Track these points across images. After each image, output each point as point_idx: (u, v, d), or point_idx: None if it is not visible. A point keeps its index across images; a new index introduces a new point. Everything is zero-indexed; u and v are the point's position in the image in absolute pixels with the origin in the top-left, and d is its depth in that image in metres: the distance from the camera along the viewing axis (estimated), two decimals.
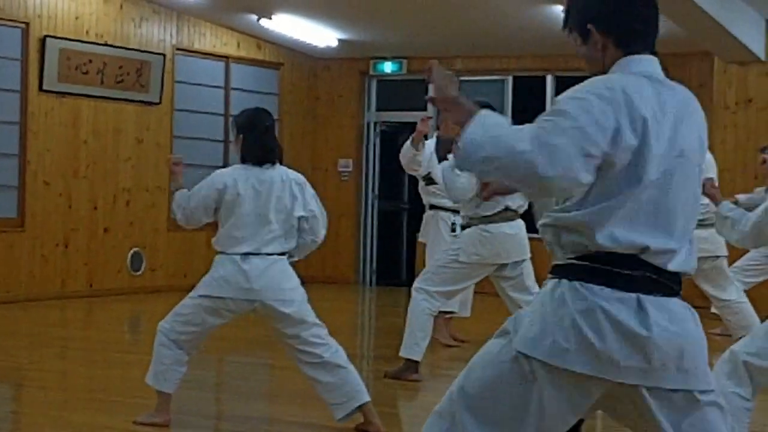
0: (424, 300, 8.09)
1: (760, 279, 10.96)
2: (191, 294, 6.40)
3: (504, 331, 3.25)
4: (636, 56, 3.24)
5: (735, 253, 10.72)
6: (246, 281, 6.25)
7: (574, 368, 3.08)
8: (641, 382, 3.11)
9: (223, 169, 6.54)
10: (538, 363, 3.10)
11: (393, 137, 17.25)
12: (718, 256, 9.89)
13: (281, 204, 6.39)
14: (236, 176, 6.34)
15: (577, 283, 3.11)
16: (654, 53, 3.30)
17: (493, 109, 8.14)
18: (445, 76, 3.36)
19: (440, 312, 8.92)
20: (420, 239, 10.40)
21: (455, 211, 8.95)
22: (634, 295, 3.10)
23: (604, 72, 3.24)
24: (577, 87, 3.12)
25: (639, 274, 3.11)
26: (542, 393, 3.12)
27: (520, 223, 8.04)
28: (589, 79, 3.15)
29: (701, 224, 9.83)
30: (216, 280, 6.30)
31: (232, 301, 6.28)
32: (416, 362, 8.20)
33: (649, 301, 3.11)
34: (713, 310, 10.79)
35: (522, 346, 3.12)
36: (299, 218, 6.42)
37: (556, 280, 3.16)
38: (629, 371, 3.09)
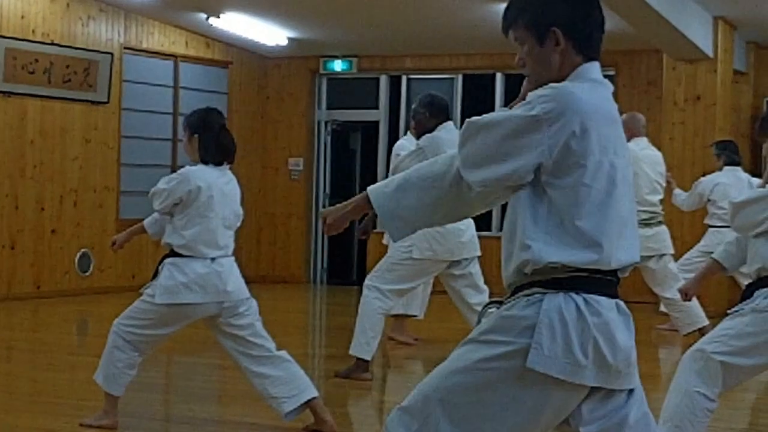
0: (377, 299, 8.05)
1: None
2: (149, 299, 6.22)
3: (489, 339, 3.15)
4: (592, 63, 3.24)
5: (679, 250, 10.79)
6: (222, 283, 6.20)
7: (588, 383, 3.10)
8: (625, 386, 3.19)
9: (192, 169, 6.32)
10: (544, 377, 3.07)
11: (344, 136, 17.25)
12: (663, 254, 9.92)
13: (236, 203, 6.41)
14: (209, 178, 6.26)
15: (586, 296, 3.10)
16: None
17: (446, 105, 8.18)
18: (332, 213, 3.51)
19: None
20: (384, 241, 10.30)
21: None
22: (614, 301, 3.16)
23: (557, 76, 3.21)
24: None
25: (615, 279, 3.17)
26: (537, 403, 3.11)
27: (470, 221, 8.03)
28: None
29: (647, 223, 9.99)
30: (186, 286, 6.15)
31: (202, 306, 6.21)
32: (367, 361, 8.15)
33: (620, 305, 3.18)
34: (662, 308, 10.86)
35: (538, 365, 3.05)
36: None
37: (563, 293, 3.10)
38: (626, 377, 3.18)
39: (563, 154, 3.05)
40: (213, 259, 6.22)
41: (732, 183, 10.55)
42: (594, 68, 3.25)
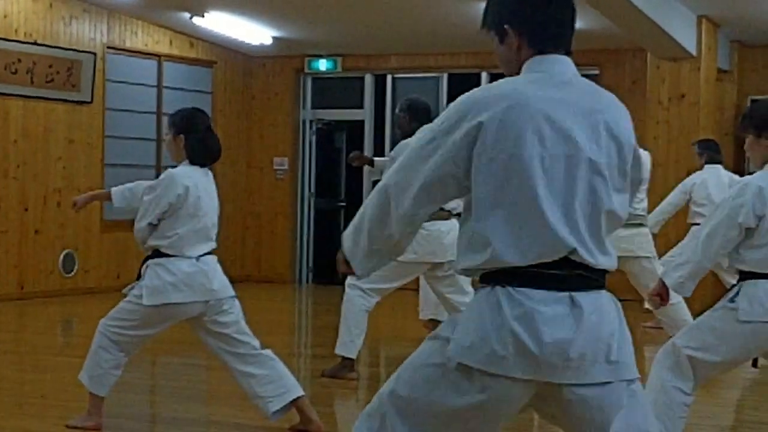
0: (359, 297, 8.06)
1: None
2: (136, 300, 6.19)
3: (438, 335, 3.23)
4: (544, 56, 3.24)
5: (660, 249, 10.79)
6: (209, 281, 6.20)
7: (513, 374, 3.07)
8: (576, 380, 3.12)
9: (176, 171, 6.28)
10: (474, 370, 3.08)
11: (328, 135, 17.23)
12: (638, 257, 9.86)
13: (216, 202, 6.42)
14: (195, 178, 6.25)
15: (511, 289, 3.09)
16: (569, 53, 3.29)
17: (426, 107, 8.18)
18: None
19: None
20: None
21: None
22: (566, 293, 3.11)
23: (518, 72, 3.26)
24: None
25: (568, 273, 3.12)
26: (476, 398, 3.11)
27: (454, 223, 8.03)
28: None
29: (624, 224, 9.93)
30: (173, 285, 6.15)
31: (189, 305, 6.20)
32: (352, 360, 8.15)
33: (581, 297, 3.11)
34: (646, 305, 10.87)
35: (458, 355, 3.10)
36: None
37: (489, 287, 3.13)
38: (566, 371, 3.10)
39: (463, 156, 3.12)
40: (198, 258, 6.22)
41: (713, 181, 10.57)
42: (544, 60, 3.24)
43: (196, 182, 6.23)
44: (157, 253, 6.23)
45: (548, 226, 3.08)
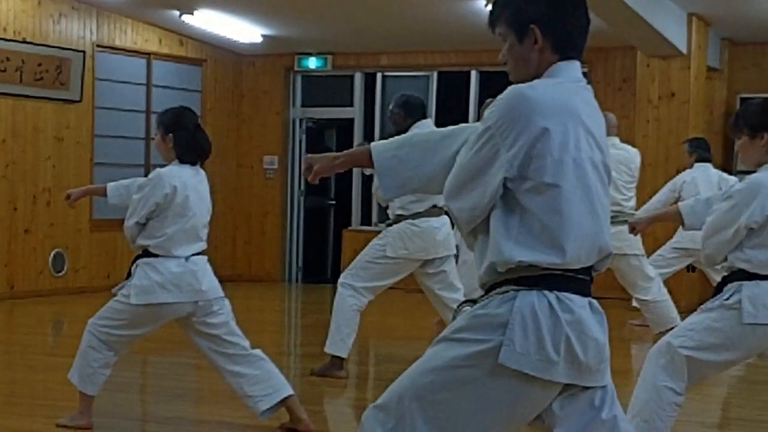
0: (351, 296, 8.05)
1: (671, 270, 11.04)
2: (124, 299, 6.19)
3: (463, 337, 3.17)
4: (571, 62, 3.27)
5: (648, 248, 10.80)
6: (197, 282, 6.19)
7: (559, 380, 3.12)
8: (597, 383, 3.22)
9: (164, 171, 6.27)
10: (516, 374, 3.09)
11: (318, 133, 17.21)
12: (625, 254, 9.87)
13: (208, 202, 6.39)
14: (183, 177, 6.24)
15: (559, 294, 3.12)
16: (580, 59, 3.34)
17: (421, 103, 8.20)
18: (320, 160, 3.50)
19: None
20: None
21: None
22: (587, 299, 3.18)
23: (535, 74, 3.24)
24: None
25: (588, 278, 3.20)
26: (511, 401, 3.14)
27: (445, 219, 8.04)
28: None
29: (610, 221, 9.95)
30: (161, 285, 6.14)
31: (177, 306, 6.19)
32: (342, 359, 8.15)
33: (593, 303, 3.20)
34: (634, 304, 10.89)
35: (511, 361, 3.07)
36: None
37: (536, 291, 3.11)
38: (596, 375, 3.20)
39: (524, 161, 3.09)
40: (187, 258, 6.21)
41: (702, 179, 10.58)
42: (568, 66, 3.27)
43: (185, 182, 6.22)
44: (146, 253, 6.22)
45: (600, 230, 3.17)
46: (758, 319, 5.01)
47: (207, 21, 14.29)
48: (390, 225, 8.11)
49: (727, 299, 5.08)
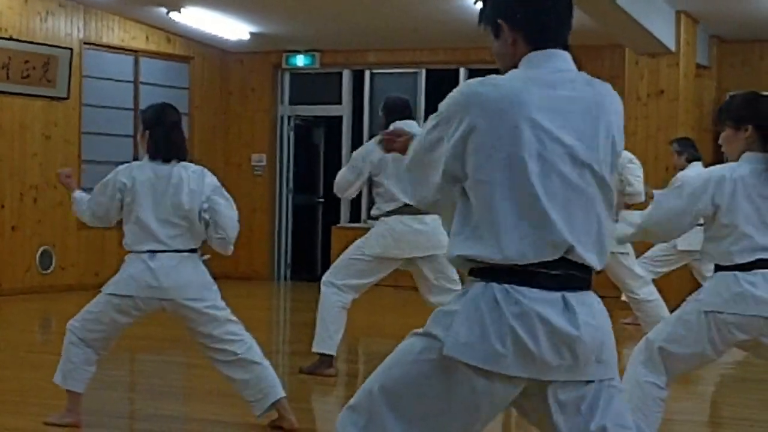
0: (334, 294, 8.05)
1: (667, 269, 11.06)
2: (102, 291, 6.28)
3: (428, 331, 3.18)
4: (541, 51, 3.22)
5: (644, 244, 10.80)
6: (154, 279, 6.14)
7: (510, 372, 3.07)
8: (567, 378, 3.13)
9: (122, 167, 6.34)
10: (467, 366, 3.07)
11: (307, 131, 17.19)
12: (613, 252, 9.87)
13: (180, 200, 6.21)
14: (135, 174, 6.22)
15: (507, 286, 3.08)
16: (566, 48, 3.27)
17: (400, 102, 8.18)
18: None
19: None
20: None
21: None
22: (560, 293, 3.11)
23: (513, 67, 3.23)
24: None
25: (563, 272, 3.12)
26: (468, 394, 3.11)
27: (430, 219, 7.99)
28: None
29: None
30: (124, 279, 6.18)
31: (140, 299, 6.17)
32: (331, 356, 8.14)
33: (572, 298, 3.12)
34: (623, 298, 10.88)
35: (455, 352, 3.07)
36: (200, 212, 6.25)
37: (484, 283, 3.11)
38: (559, 369, 3.11)
39: (461, 155, 3.13)
40: (152, 253, 6.15)
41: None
42: (542, 56, 3.23)
43: (138, 178, 6.19)
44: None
45: (549, 223, 3.08)
46: (712, 307, 5.05)
47: (194, 18, 14.26)
48: (374, 219, 8.14)
49: (700, 294, 5.14)
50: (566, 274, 3.12)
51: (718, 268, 5.14)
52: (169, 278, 6.15)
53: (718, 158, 5.38)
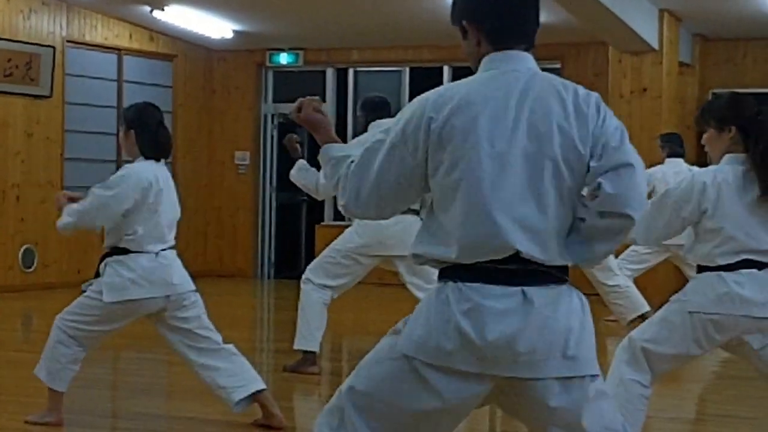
0: (314, 290, 8.03)
1: (644, 266, 11.08)
2: (96, 296, 6.13)
3: (395, 329, 3.24)
4: (500, 52, 3.24)
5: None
6: (168, 276, 6.16)
7: (460, 368, 3.09)
8: (529, 375, 3.11)
9: (135, 166, 6.23)
10: (424, 364, 3.11)
11: (290, 129, 17.12)
12: None
13: (175, 197, 6.36)
14: (156, 172, 6.21)
15: (461, 284, 3.10)
16: (531, 47, 3.28)
17: (378, 101, 8.17)
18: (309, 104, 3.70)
19: None
20: None
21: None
22: (518, 288, 3.10)
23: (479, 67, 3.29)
24: None
25: (521, 268, 3.11)
26: (431, 392, 3.12)
27: (408, 217, 7.95)
28: None
29: None
30: (133, 282, 6.09)
31: (152, 300, 6.14)
32: (314, 354, 8.12)
33: (534, 291, 3.10)
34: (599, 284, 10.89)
35: (407, 348, 3.14)
36: None
37: (442, 282, 3.16)
38: (516, 365, 3.10)
39: (424, 156, 3.16)
40: (157, 253, 6.17)
41: (671, 174, 10.60)
42: (499, 57, 3.24)
43: (158, 177, 6.20)
44: (116, 250, 6.18)
45: (495, 225, 3.08)
46: (697, 308, 5.04)
47: (178, 16, 14.22)
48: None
49: (685, 293, 5.13)
50: (525, 270, 3.11)
51: (702, 268, 5.14)
52: (176, 273, 6.21)
53: (701, 156, 5.36)
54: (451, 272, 3.14)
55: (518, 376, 3.10)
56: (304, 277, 8.16)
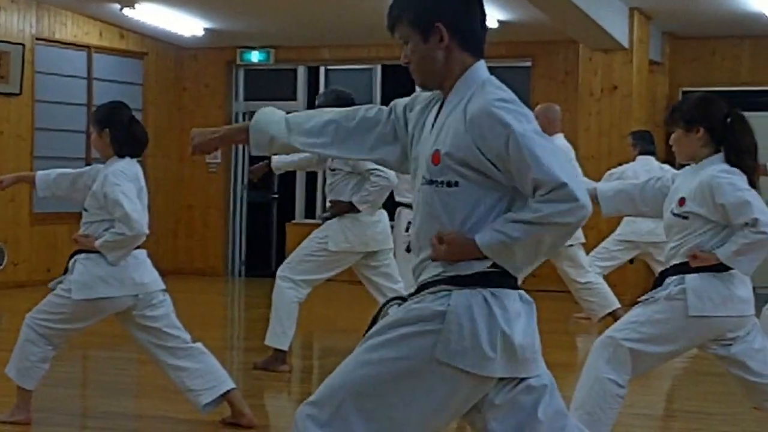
0: (290, 288, 8.01)
1: (615, 263, 11.11)
2: (65, 294, 6.11)
3: (400, 332, 3.19)
4: (481, 62, 3.30)
5: (592, 241, 10.86)
6: (138, 275, 6.15)
7: (497, 374, 3.14)
8: (529, 373, 3.21)
9: (126, 167, 6.17)
10: (450, 368, 3.11)
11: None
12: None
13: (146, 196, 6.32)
14: (137, 171, 6.20)
15: (492, 290, 3.15)
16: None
17: (353, 101, 8.22)
18: (201, 134, 3.72)
19: None
20: None
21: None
22: (518, 291, 3.21)
23: (442, 72, 3.29)
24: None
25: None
26: (443, 394, 3.15)
27: (384, 213, 8.08)
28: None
29: None
30: (103, 280, 6.07)
31: (121, 298, 6.12)
32: (284, 352, 8.11)
33: (522, 294, 3.23)
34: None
35: (448, 358, 3.11)
36: None
37: (469, 289, 3.15)
38: (531, 364, 3.22)
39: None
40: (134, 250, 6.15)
41: (642, 172, 10.64)
42: (482, 67, 3.30)
43: (138, 175, 6.19)
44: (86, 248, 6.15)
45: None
46: (704, 312, 5.04)
47: (148, 14, 14.16)
48: (329, 218, 8.08)
49: (670, 291, 5.09)
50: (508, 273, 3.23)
51: (695, 269, 5.12)
52: (146, 272, 6.19)
53: (672, 153, 5.37)
54: (483, 278, 3.16)
55: (526, 375, 3.21)
56: (280, 273, 8.09)
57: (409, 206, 8.62)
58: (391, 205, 8.85)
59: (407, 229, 8.36)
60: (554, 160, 3.06)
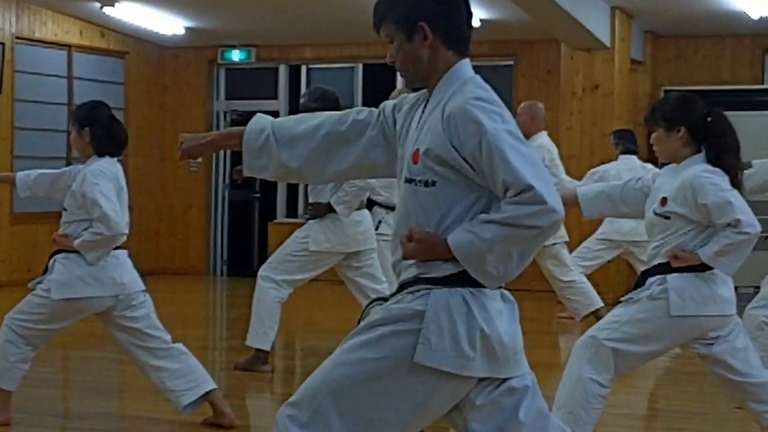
0: (272, 288, 7.98)
1: (597, 263, 11.13)
2: (44, 294, 6.08)
3: (379, 332, 3.18)
4: (466, 60, 3.29)
5: (577, 239, 10.89)
6: (119, 275, 6.11)
7: (477, 374, 3.14)
8: (513, 373, 3.22)
9: (107, 167, 6.13)
10: (430, 369, 3.11)
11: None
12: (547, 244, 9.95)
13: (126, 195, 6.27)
14: (118, 171, 6.17)
15: (471, 289, 3.14)
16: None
17: (337, 100, 8.20)
18: (190, 140, 3.67)
19: None
20: None
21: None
22: (497, 291, 3.20)
23: (426, 71, 3.27)
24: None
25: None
26: (423, 395, 3.14)
27: (366, 213, 8.06)
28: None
29: None
30: (82, 280, 6.04)
31: (101, 299, 6.08)
32: (266, 352, 8.08)
33: (504, 294, 3.23)
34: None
35: (427, 359, 3.10)
36: None
37: (447, 288, 3.14)
38: (512, 365, 3.21)
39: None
40: (114, 250, 6.12)
41: (625, 171, 10.65)
42: (466, 66, 3.29)
43: (119, 174, 6.17)
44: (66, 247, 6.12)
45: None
46: (686, 311, 5.04)
47: (129, 13, 14.11)
48: (311, 218, 8.05)
49: (653, 291, 5.09)
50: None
51: (677, 269, 5.11)
52: (126, 272, 6.15)
53: (654, 153, 5.36)
54: (462, 277, 3.14)
55: (508, 375, 3.21)
56: (262, 273, 8.06)
57: (381, 205, 8.59)
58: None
59: (377, 228, 8.33)
60: (524, 161, 3.03)
